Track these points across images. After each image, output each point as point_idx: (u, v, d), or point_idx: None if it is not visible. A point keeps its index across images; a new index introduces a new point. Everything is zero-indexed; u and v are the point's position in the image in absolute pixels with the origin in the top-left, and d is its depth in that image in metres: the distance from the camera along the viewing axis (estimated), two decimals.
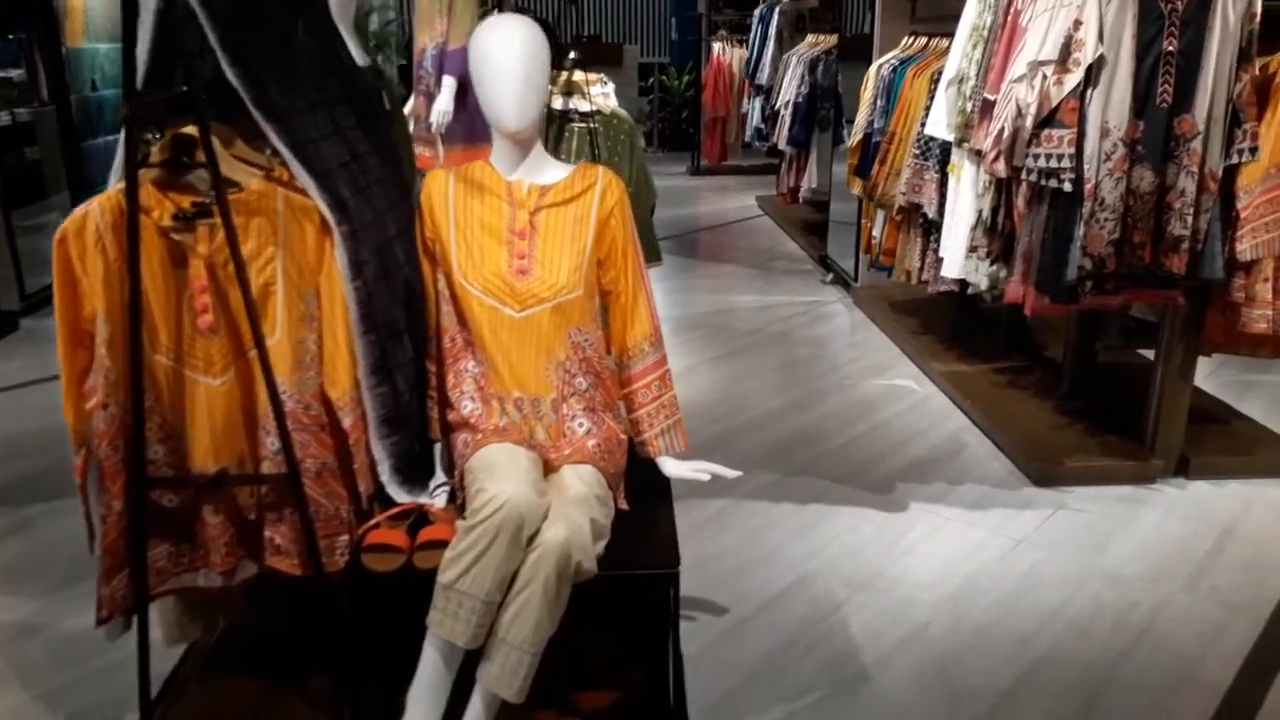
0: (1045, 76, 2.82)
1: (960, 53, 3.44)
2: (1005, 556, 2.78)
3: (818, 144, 6.21)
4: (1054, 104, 2.78)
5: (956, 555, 2.79)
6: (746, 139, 8.13)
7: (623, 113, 3.63)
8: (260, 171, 1.77)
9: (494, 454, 1.80)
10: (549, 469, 1.90)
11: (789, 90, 6.36)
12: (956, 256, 3.58)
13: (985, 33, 3.27)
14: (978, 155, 3.27)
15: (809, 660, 2.33)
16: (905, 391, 4.06)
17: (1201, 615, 2.50)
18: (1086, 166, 2.79)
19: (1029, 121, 2.85)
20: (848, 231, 5.47)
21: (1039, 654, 2.35)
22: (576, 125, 3.55)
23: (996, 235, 3.33)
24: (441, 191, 1.98)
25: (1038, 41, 2.84)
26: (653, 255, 3.71)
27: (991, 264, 3.42)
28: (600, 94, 3.71)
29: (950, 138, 3.54)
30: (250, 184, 1.73)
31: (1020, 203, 3.11)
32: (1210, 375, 3.99)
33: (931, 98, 3.81)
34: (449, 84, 3.89)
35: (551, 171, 1.99)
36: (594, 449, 1.92)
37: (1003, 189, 3.28)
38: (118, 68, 5.67)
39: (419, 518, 1.89)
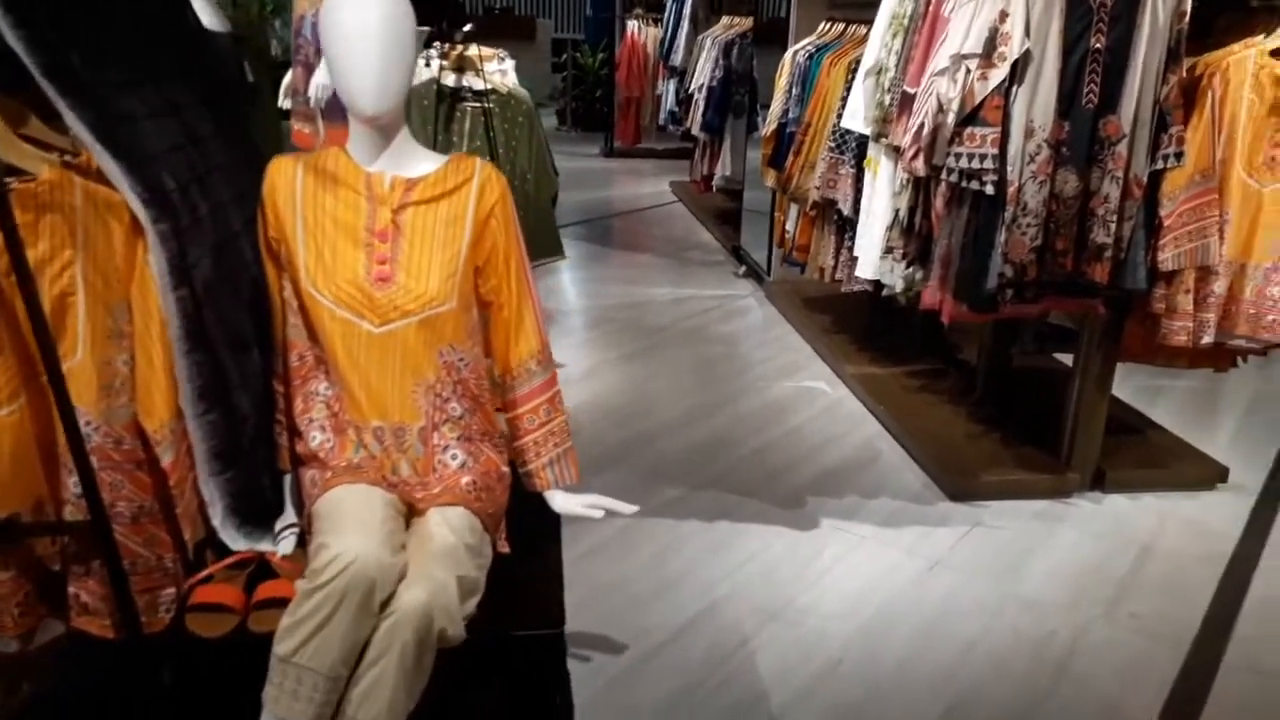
0: (968, 70, 2.65)
1: (879, 42, 3.26)
2: (921, 579, 2.63)
3: (732, 130, 6.02)
4: (977, 100, 2.61)
5: (871, 578, 2.63)
6: (661, 122, 7.89)
7: (522, 92, 3.36)
8: (57, 157, 1.46)
9: (342, 499, 1.53)
10: (414, 511, 1.65)
11: (703, 74, 6.14)
12: (871, 256, 3.41)
13: (905, 22, 3.10)
14: (895, 152, 3.09)
15: (715, 704, 2.13)
16: (817, 394, 3.90)
17: (1122, 645, 2.38)
18: (1010, 168, 2.63)
19: (950, 118, 2.68)
20: (761, 222, 5.29)
21: (959, 691, 2.19)
22: (469, 105, 3.27)
23: (913, 236, 3.17)
24: (288, 182, 1.69)
25: (961, 33, 2.67)
26: (554, 249, 3.46)
27: (907, 266, 3.26)
28: (497, 71, 3.42)
29: (867, 131, 3.37)
30: (42, 172, 1.42)
31: (939, 203, 2.95)
32: (1121, 381, 3.92)
33: (849, 88, 3.63)
34: None
35: (420, 162, 1.72)
36: (469, 486, 1.67)
37: (920, 188, 3.12)
38: None
39: (259, 568, 1.62)
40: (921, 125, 2.82)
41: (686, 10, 7.01)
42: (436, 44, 3.26)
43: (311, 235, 1.66)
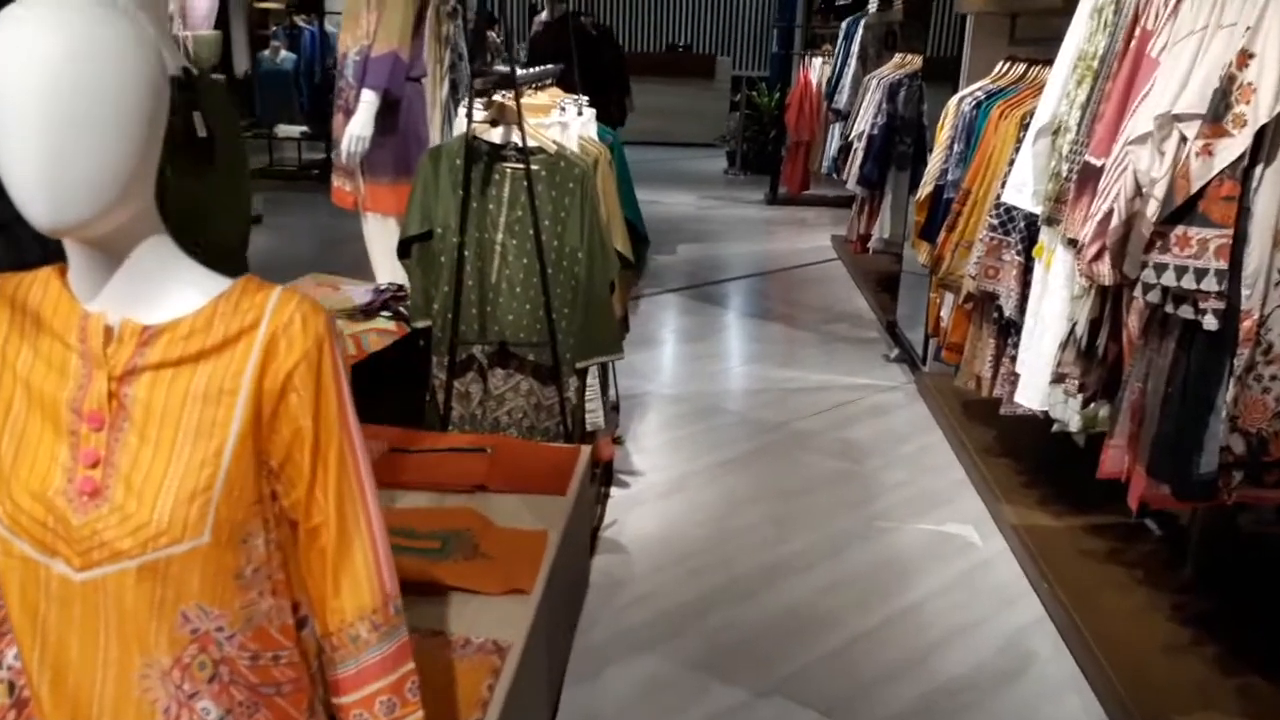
0: (1184, 139, 1.74)
1: (1058, 90, 2.36)
2: None
3: (894, 185, 5.11)
4: (1197, 185, 1.69)
5: None
6: (824, 170, 7.05)
7: (577, 153, 2.67)
8: None
9: None
10: None
11: (864, 119, 5.28)
12: (1037, 379, 2.50)
13: (1094, 63, 2.19)
14: (1073, 245, 2.19)
15: None
16: (960, 547, 2.97)
17: None
18: (1245, 293, 1.69)
19: (1153, 208, 1.77)
20: (923, 296, 4.36)
21: None
22: (510, 167, 2.61)
23: (1095, 364, 2.25)
24: None
25: (1175, 83, 1.76)
26: (608, 346, 2.74)
27: (1086, 403, 2.32)
28: (556, 124, 2.75)
29: (1037, 210, 2.47)
30: None
31: (1133, 325, 2.02)
32: None
33: (1019, 148, 2.72)
34: (368, 100, 2.99)
35: (171, 297, 1.03)
36: None
37: (1109, 295, 2.20)
38: None
39: None
40: (1109, 214, 1.92)
41: (855, 47, 6.16)
42: (479, 85, 2.63)
43: None
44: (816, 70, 8.17)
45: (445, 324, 2.63)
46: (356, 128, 2.99)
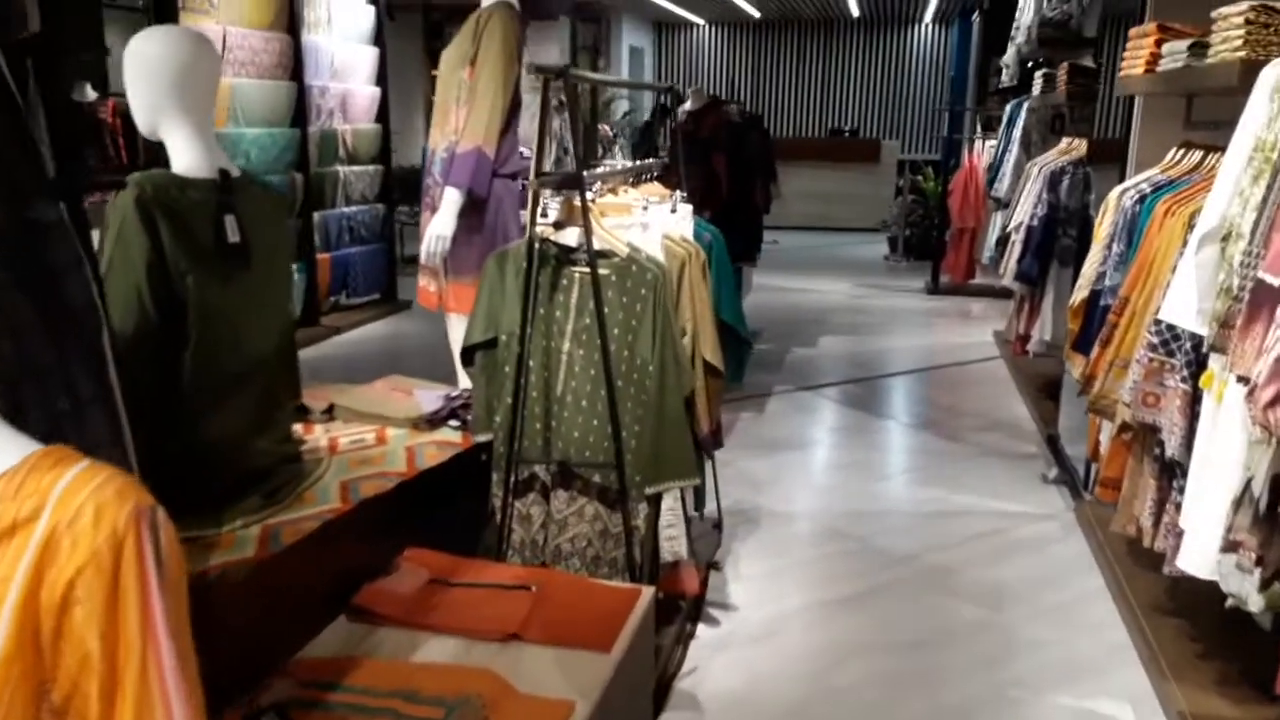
0: None
1: (1230, 188, 1.91)
2: None
3: (1056, 282, 4.58)
4: None
5: None
6: (984, 260, 6.53)
7: (653, 256, 2.42)
8: None
9: None
10: None
11: (1023, 209, 4.79)
12: (1205, 542, 2.01)
13: (1274, 154, 1.74)
14: (1244, 382, 1.72)
15: None
16: None
17: None
18: None
19: None
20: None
21: None
22: (578, 272, 2.38)
23: (1277, 532, 1.75)
24: None
25: None
26: (684, 470, 2.43)
27: (1267, 582, 1.82)
28: (636, 225, 2.52)
29: (1203, 332, 2.00)
30: None
31: None
32: None
33: (1184, 253, 2.26)
34: (451, 198, 2.85)
35: None
36: None
37: None
38: None
39: None
40: None
41: (1017, 131, 5.68)
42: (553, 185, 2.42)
43: None
44: (984, 154, 7.71)
45: (506, 439, 2.40)
46: (438, 226, 2.85)
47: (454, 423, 2.65)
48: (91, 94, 4.85)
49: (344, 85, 6.52)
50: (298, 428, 2.47)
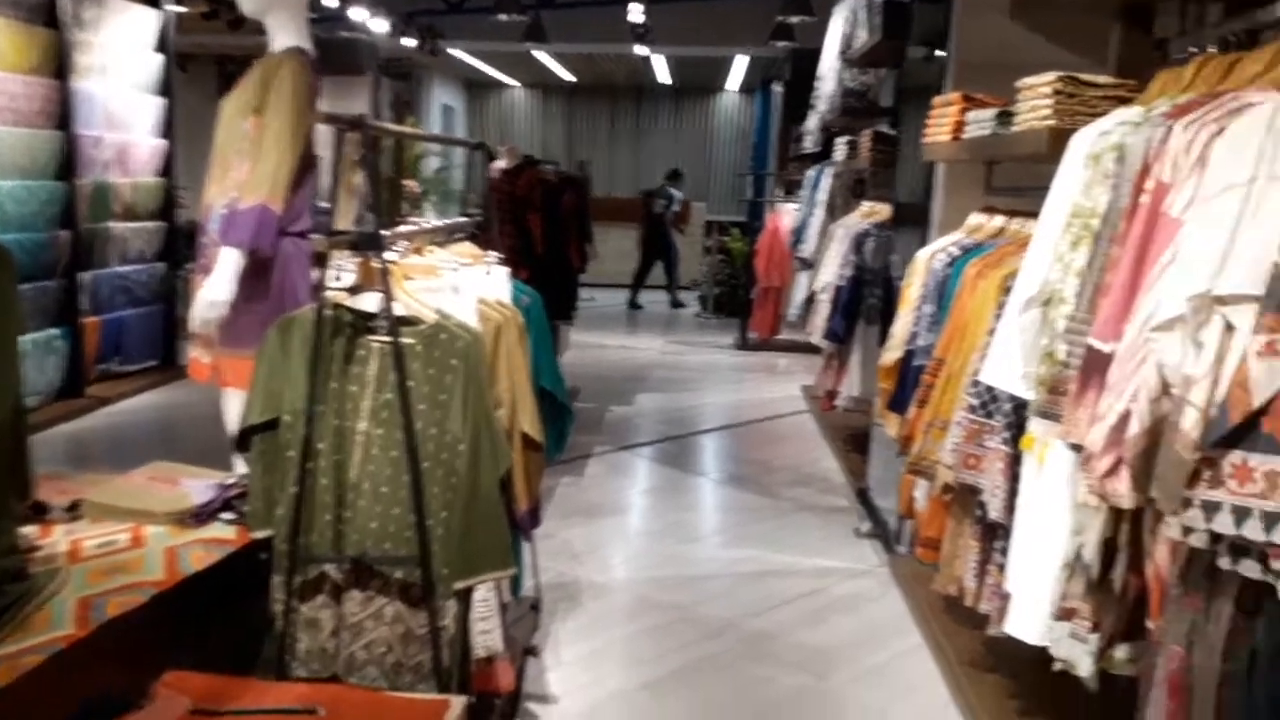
0: (1230, 328, 1.26)
1: (1048, 252, 1.90)
2: None
3: (863, 340, 4.68)
4: (1261, 398, 1.20)
5: None
6: (789, 318, 6.67)
7: (465, 323, 2.19)
8: None
9: None
10: None
11: (829, 270, 4.88)
12: (1032, 607, 1.96)
13: (1094, 221, 1.74)
14: (1077, 450, 1.69)
15: None
16: None
17: None
18: None
19: (1192, 423, 1.28)
20: (896, 460, 3.83)
21: None
22: (375, 343, 2.12)
23: (1111, 599, 1.71)
24: None
25: (1212, 252, 1.30)
26: (499, 560, 2.18)
27: (1103, 650, 1.78)
28: (444, 289, 2.28)
29: (1028, 396, 1.98)
30: None
31: (1161, 561, 1.51)
32: None
33: (999, 315, 2.26)
34: (228, 259, 2.52)
35: None
36: None
37: (1126, 512, 1.69)
38: None
39: None
40: (1126, 417, 1.44)
41: (821, 195, 5.84)
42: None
43: None
44: (787, 216, 7.94)
45: (289, 533, 2.08)
46: (213, 291, 2.49)
47: (228, 515, 2.30)
48: None
49: (123, 136, 5.91)
50: (31, 531, 2.06)
